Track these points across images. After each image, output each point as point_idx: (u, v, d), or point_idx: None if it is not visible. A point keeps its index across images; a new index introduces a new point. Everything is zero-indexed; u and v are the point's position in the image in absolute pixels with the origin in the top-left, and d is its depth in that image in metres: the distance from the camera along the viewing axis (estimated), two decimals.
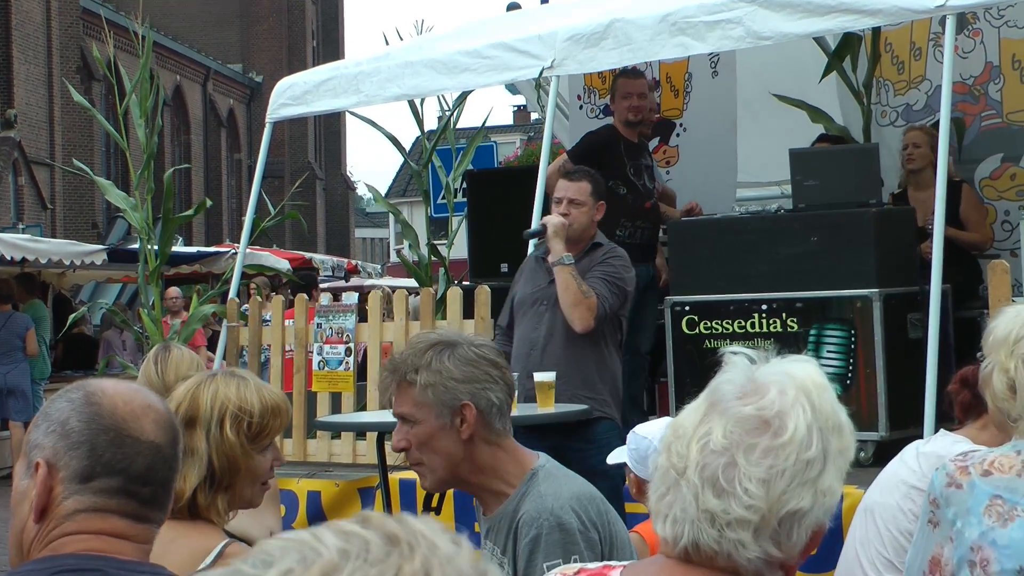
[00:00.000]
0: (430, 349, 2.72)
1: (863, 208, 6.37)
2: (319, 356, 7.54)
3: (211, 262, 15.56)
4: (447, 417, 2.71)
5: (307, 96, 8.18)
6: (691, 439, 1.62)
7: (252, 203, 8.53)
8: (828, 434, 1.63)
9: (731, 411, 1.61)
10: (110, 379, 2.09)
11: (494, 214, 8.63)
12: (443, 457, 2.74)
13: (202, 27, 43.69)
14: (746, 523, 1.58)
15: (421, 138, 9.00)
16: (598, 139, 7.36)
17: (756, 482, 1.58)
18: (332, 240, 47.98)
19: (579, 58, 7.03)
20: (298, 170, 42.00)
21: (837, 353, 6.26)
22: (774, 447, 1.60)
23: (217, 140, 41.68)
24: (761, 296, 6.45)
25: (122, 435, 1.89)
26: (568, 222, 5.46)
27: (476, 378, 2.71)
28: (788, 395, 1.63)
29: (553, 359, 5.40)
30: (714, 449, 1.60)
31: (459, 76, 7.48)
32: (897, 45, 8.44)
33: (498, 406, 2.73)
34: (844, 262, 6.27)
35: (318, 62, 40.37)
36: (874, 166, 6.63)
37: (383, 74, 7.76)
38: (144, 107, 8.25)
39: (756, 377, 1.65)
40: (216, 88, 42.16)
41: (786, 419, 1.61)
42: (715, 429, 1.61)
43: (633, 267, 5.62)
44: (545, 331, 5.46)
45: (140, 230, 8.31)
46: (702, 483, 1.59)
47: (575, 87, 9.51)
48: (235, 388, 2.72)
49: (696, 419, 1.64)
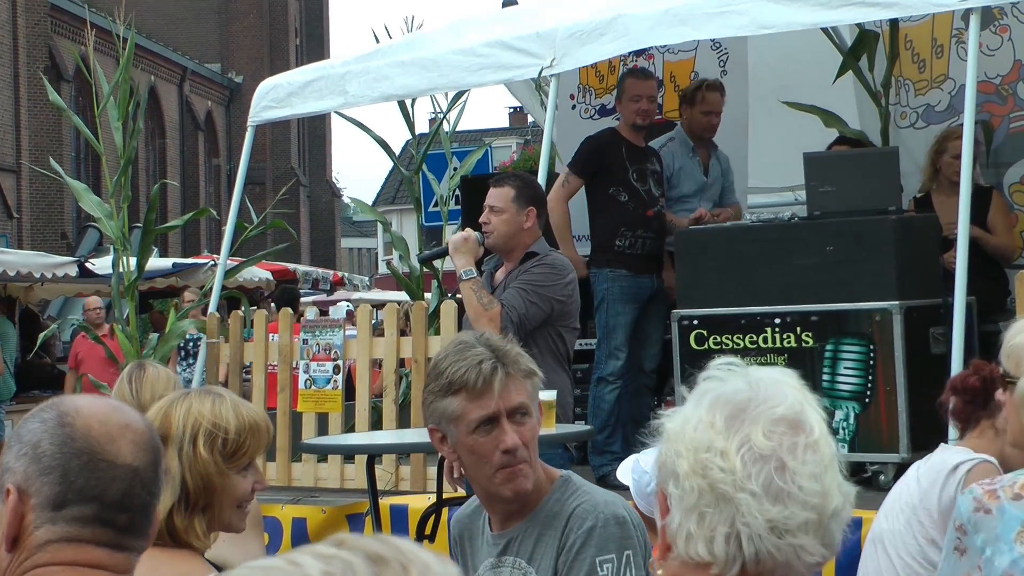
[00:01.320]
0: (510, 343, 2.77)
1: (882, 215, 6.39)
2: (305, 374, 7.54)
3: (189, 275, 15.56)
4: (536, 416, 2.77)
5: (291, 98, 8.20)
6: (725, 452, 1.66)
7: (233, 211, 8.55)
8: (827, 431, 1.74)
9: (763, 415, 1.68)
10: (87, 396, 2.07)
11: None
12: (534, 458, 2.76)
13: (178, 24, 43.73)
14: (806, 525, 1.64)
15: (412, 142, 9.02)
16: (598, 144, 7.38)
17: (809, 478, 1.66)
18: (317, 250, 47.99)
19: (578, 55, 7.06)
20: (281, 176, 42.04)
21: (855, 370, 6.27)
22: (812, 443, 1.68)
23: (194, 145, 41.69)
24: (774, 309, 6.46)
25: (96, 459, 1.88)
26: (486, 232, 5.51)
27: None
28: (795, 395, 1.72)
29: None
30: (761, 454, 1.66)
31: (452, 76, 7.50)
32: (918, 42, 8.47)
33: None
34: (862, 273, 6.29)
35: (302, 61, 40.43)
36: (894, 171, 6.66)
37: (372, 74, 7.79)
38: (123, 109, 8.27)
39: (757, 384, 1.72)
40: (193, 89, 42.17)
41: (808, 417, 1.70)
42: (753, 435, 1.67)
43: (572, 271, 5.59)
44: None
45: (115, 240, 8.32)
46: (759, 491, 1.64)
47: (569, 85, 9.52)
48: (209, 405, 2.74)
49: (721, 431, 1.68)
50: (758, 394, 1.69)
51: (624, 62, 9.03)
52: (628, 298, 7.14)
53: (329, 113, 9.01)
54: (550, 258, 5.55)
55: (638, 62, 9.16)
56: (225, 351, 7.99)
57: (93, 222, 13.25)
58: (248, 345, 7.97)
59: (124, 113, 8.30)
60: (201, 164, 41.91)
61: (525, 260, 5.50)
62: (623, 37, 6.90)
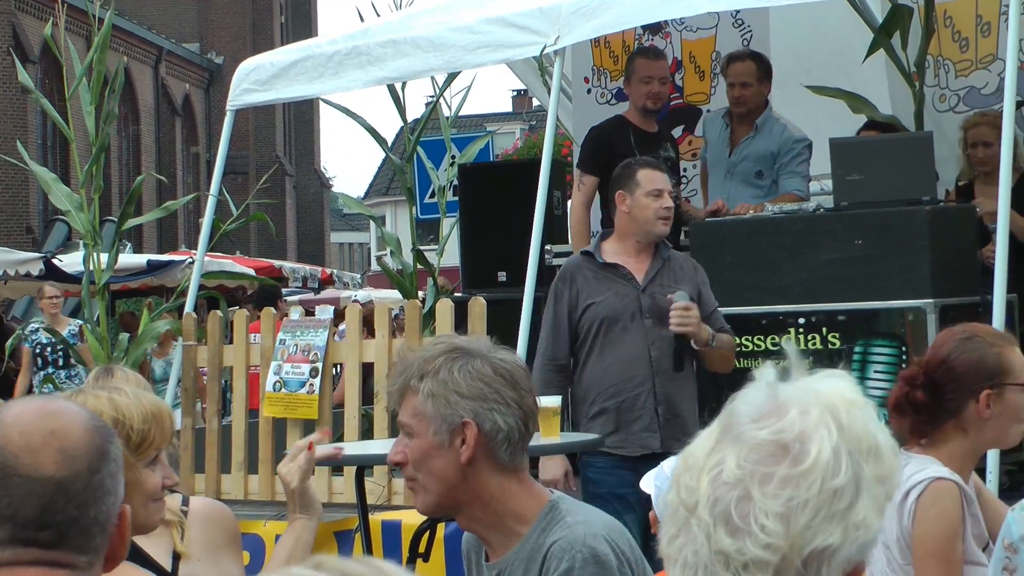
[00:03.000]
0: (443, 356, 2.76)
1: (915, 206, 6.39)
2: (275, 376, 7.53)
3: (164, 272, 15.58)
4: (445, 435, 2.74)
5: (274, 80, 8.20)
6: (702, 470, 1.62)
7: (211, 203, 8.56)
8: (860, 459, 1.61)
9: (745, 436, 1.61)
10: (24, 400, 2.05)
11: (490, 215, 8.64)
12: (437, 479, 2.77)
13: (153, 1, 43.78)
14: (764, 564, 1.56)
15: (404, 128, 9.02)
16: (604, 134, 7.38)
17: (773, 517, 1.57)
18: (304, 245, 48.02)
19: (583, 30, 7.06)
20: (265, 165, 42.03)
21: (886, 374, 6.28)
22: (794, 476, 1.58)
23: (171, 131, 41.72)
24: (798, 308, 6.47)
25: (9, 475, 1.86)
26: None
27: (484, 396, 2.74)
28: (811, 415, 1.62)
29: (679, 384, 5.63)
30: (726, 481, 1.59)
31: (449, 55, 7.50)
32: (959, 19, 8.47)
33: (506, 432, 2.75)
34: (893, 268, 6.29)
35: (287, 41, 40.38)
36: (928, 158, 6.66)
37: (362, 55, 7.79)
38: (96, 93, 8.27)
39: (777, 396, 1.64)
40: (169, 71, 42.21)
41: (808, 443, 1.60)
42: (728, 458, 1.61)
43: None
44: (663, 349, 5.60)
45: (85, 235, 8.32)
46: (714, 520, 1.58)
47: (582, 68, 9.52)
48: (107, 398, 2.77)
49: (708, 447, 1.64)
50: (761, 408, 1.63)
51: (639, 40, 9.03)
52: None
53: (316, 98, 9.00)
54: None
55: (654, 40, 9.17)
56: (202, 354, 8.01)
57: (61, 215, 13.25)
58: (228, 348, 7.98)
59: (98, 97, 8.30)
60: (178, 152, 41.95)
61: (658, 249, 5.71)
62: (633, 10, 6.90)
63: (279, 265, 20.25)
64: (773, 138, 7.65)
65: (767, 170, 7.64)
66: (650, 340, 5.55)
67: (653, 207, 5.56)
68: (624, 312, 5.56)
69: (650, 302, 5.55)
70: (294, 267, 21.50)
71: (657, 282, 5.59)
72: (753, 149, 7.65)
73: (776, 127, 7.66)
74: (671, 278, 5.59)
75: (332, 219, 55.13)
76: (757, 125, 7.65)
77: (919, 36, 7.91)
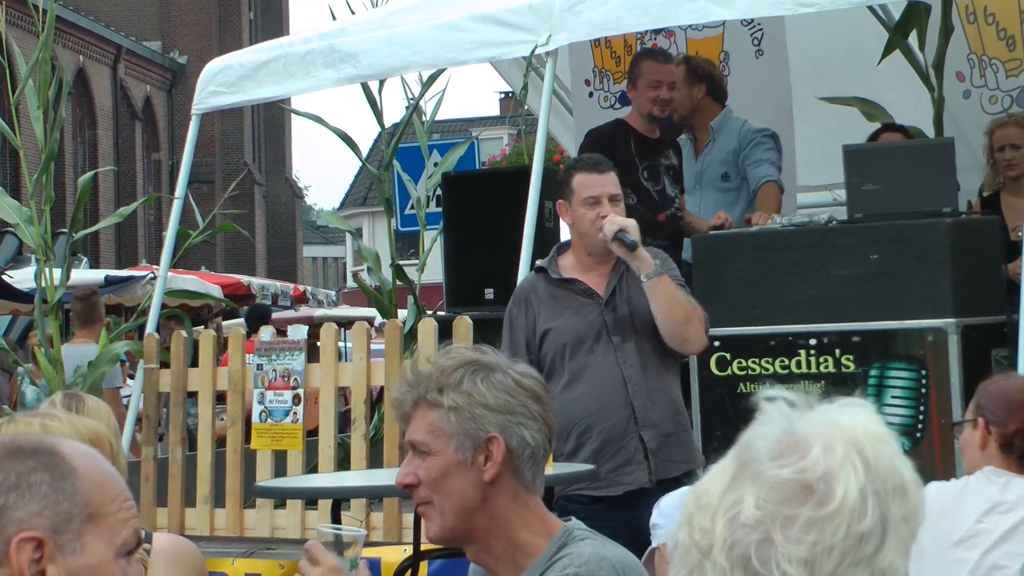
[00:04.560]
0: (461, 367, 2.77)
1: (935, 218, 6.40)
2: (260, 405, 7.54)
3: (123, 289, 15.54)
4: (468, 451, 2.75)
5: (243, 82, 8.21)
6: (716, 510, 1.61)
7: (175, 214, 8.54)
8: (887, 498, 1.61)
9: (765, 474, 1.60)
10: None
11: (476, 227, 8.64)
12: (457, 500, 2.77)
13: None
14: None
15: (382, 133, 9.02)
16: (605, 138, 7.39)
17: (797, 563, 1.56)
18: (275, 260, 48.00)
19: (572, 26, 7.05)
20: (232, 173, 42.00)
21: (904, 399, 6.28)
22: (819, 519, 1.58)
23: (131, 136, 41.71)
24: (809, 328, 6.47)
25: None
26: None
27: (512, 409, 2.76)
28: (836, 452, 1.61)
29: (661, 399, 5.41)
30: (745, 523, 1.59)
31: (430, 53, 7.51)
32: (1002, 16, 8.50)
33: (532, 449, 2.78)
34: (912, 285, 6.30)
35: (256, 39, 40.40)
36: (949, 166, 6.67)
37: (338, 53, 7.80)
38: (43, 96, 8.24)
39: (796, 429, 1.63)
40: (129, 71, 42.22)
41: (833, 483, 1.59)
42: (746, 498, 1.60)
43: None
44: (637, 366, 5.38)
45: (36, 249, 8.30)
46: (731, 565, 1.58)
47: (582, 70, 9.54)
48: (39, 426, 2.77)
49: (723, 485, 1.63)
50: (779, 443, 1.62)
51: (641, 40, 9.04)
52: None
53: (288, 100, 9.01)
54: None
55: (657, 39, 9.18)
56: (165, 378, 7.99)
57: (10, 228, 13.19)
58: (193, 371, 7.96)
59: (45, 100, 8.27)
60: (139, 159, 41.92)
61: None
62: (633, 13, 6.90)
63: (247, 281, 20.22)
64: (732, 136, 7.69)
65: (732, 170, 7.68)
66: (621, 359, 5.36)
67: (589, 217, 5.36)
68: (588, 332, 5.37)
69: (614, 316, 5.38)
70: (264, 283, 21.49)
71: (621, 294, 5.42)
72: (715, 153, 7.72)
73: (734, 125, 7.71)
74: (636, 284, 5.38)
75: (305, 231, 55.12)
76: (713, 128, 7.70)
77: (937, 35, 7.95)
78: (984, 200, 7.50)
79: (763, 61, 8.76)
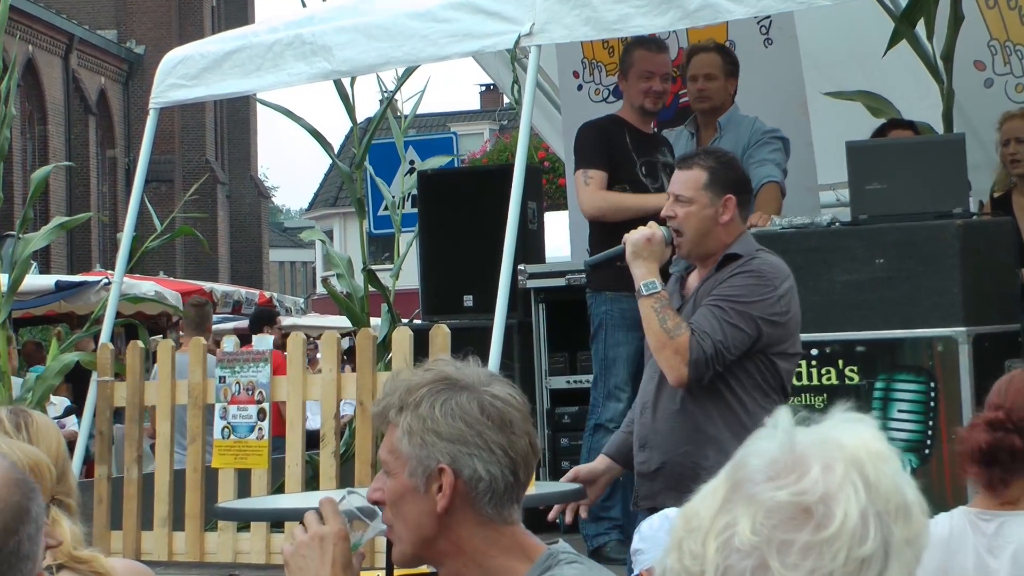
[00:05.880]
0: (428, 386, 2.75)
1: (945, 219, 6.42)
2: (223, 420, 7.53)
3: (76, 296, 15.50)
4: (420, 478, 2.74)
5: (205, 74, 8.20)
6: (708, 534, 1.61)
7: (131, 216, 8.54)
8: (889, 520, 1.61)
9: (761, 496, 1.60)
10: None
11: (455, 230, 8.65)
12: (412, 527, 2.77)
13: None
14: None
15: (354, 129, 9.03)
16: (599, 130, 7.39)
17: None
18: (239, 264, 47.91)
19: (567, 21, 7.07)
20: (193, 172, 41.97)
21: (912, 413, 6.30)
22: (817, 543, 1.58)
23: (84, 132, 41.62)
24: (810, 338, 6.47)
25: None
26: (673, 229, 5.18)
27: (464, 439, 2.72)
28: (835, 472, 1.61)
29: (666, 422, 5.19)
30: (739, 548, 1.59)
31: (408, 47, 7.51)
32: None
33: (488, 482, 2.73)
34: (920, 292, 6.32)
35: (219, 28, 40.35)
36: (959, 164, 6.69)
37: (307, 44, 7.79)
38: None
39: (793, 447, 1.63)
40: (83, 62, 42.13)
41: (833, 505, 1.59)
42: (740, 520, 1.60)
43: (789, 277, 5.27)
44: (657, 382, 5.24)
45: None
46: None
47: (570, 61, 9.53)
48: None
49: (715, 506, 1.63)
50: (776, 462, 1.62)
51: None
52: (631, 324, 7.12)
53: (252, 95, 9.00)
54: (756, 262, 5.18)
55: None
56: (120, 391, 7.98)
57: None
58: (150, 384, 7.96)
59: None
60: (92, 156, 41.84)
61: (724, 264, 5.16)
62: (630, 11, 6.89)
63: (210, 288, 20.16)
64: (742, 133, 7.62)
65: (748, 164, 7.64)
66: (652, 369, 5.29)
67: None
68: None
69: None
70: (227, 289, 21.43)
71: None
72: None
73: (744, 122, 7.64)
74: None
75: (271, 234, 55.05)
76: (721, 124, 7.66)
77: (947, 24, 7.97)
78: (995, 200, 7.51)
79: (773, 50, 8.75)
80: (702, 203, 5.14)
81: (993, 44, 8.45)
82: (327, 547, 2.83)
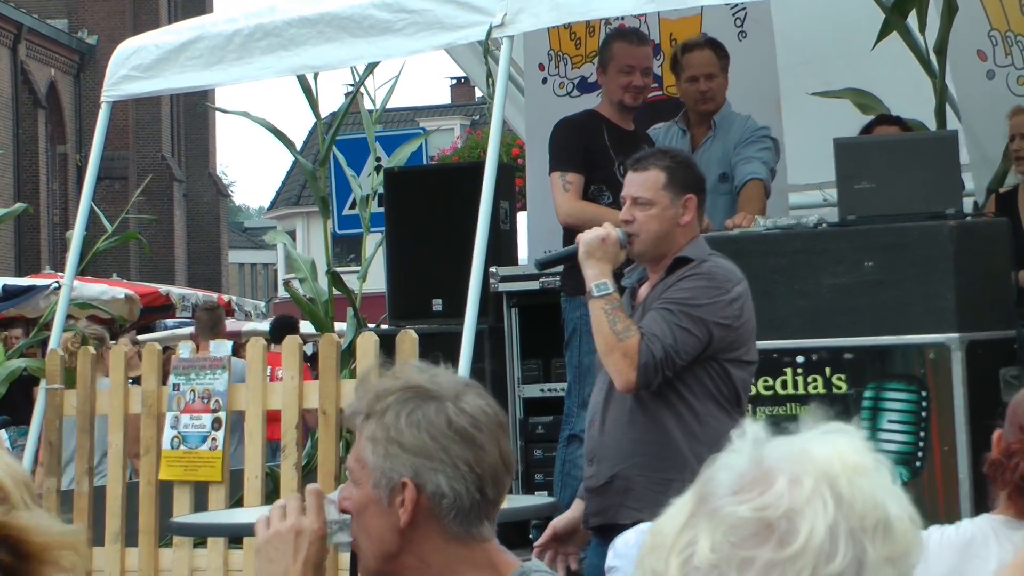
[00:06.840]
0: (396, 394, 2.75)
1: (937, 220, 6.43)
2: (173, 430, 7.50)
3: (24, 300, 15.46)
4: (384, 490, 2.74)
5: (160, 66, 8.17)
6: (671, 551, 1.61)
7: (82, 215, 8.51)
8: (863, 538, 1.60)
9: (723, 511, 1.60)
10: None
11: (424, 230, 8.64)
12: (375, 541, 2.78)
13: None
14: None
15: (318, 124, 9.01)
16: (577, 128, 7.40)
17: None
18: (197, 266, 47.80)
19: (535, 9, 7.07)
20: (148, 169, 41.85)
21: (902, 423, 6.31)
22: (779, 561, 1.57)
23: (33, 126, 41.49)
24: (796, 344, 6.49)
25: None
26: (631, 232, 5.24)
27: (428, 452, 2.71)
28: (803, 486, 1.60)
29: (615, 433, 5.24)
30: (698, 566, 1.59)
31: (379, 42, 7.49)
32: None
33: (452, 499, 2.72)
34: (911, 296, 6.33)
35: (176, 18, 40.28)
36: (953, 162, 6.70)
37: (271, 36, 7.77)
38: None
39: (763, 460, 1.63)
40: (31, 53, 42.00)
41: (797, 520, 1.59)
42: (701, 537, 1.60)
43: (741, 282, 5.30)
44: (606, 393, 5.29)
45: None
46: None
47: (536, 53, 9.54)
48: None
49: (679, 522, 1.63)
50: (743, 476, 1.61)
51: (607, 21, 9.05)
52: None
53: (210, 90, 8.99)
54: (707, 265, 5.24)
55: (626, 19, 9.19)
56: (70, 400, 7.95)
57: None
58: (102, 393, 7.93)
59: None
60: (42, 151, 41.71)
61: (674, 268, 5.24)
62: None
63: (166, 291, 20.12)
64: (735, 131, 7.65)
65: (731, 170, 7.67)
66: (603, 379, 5.35)
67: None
68: None
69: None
70: (184, 293, 21.37)
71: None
72: (714, 151, 7.67)
73: (737, 120, 7.68)
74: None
75: (231, 234, 54.94)
76: (715, 123, 7.69)
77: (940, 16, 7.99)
78: (1000, 197, 7.51)
79: (747, 44, 8.78)
80: (663, 204, 5.24)
81: (993, 34, 8.47)
82: (302, 544, 2.83)
